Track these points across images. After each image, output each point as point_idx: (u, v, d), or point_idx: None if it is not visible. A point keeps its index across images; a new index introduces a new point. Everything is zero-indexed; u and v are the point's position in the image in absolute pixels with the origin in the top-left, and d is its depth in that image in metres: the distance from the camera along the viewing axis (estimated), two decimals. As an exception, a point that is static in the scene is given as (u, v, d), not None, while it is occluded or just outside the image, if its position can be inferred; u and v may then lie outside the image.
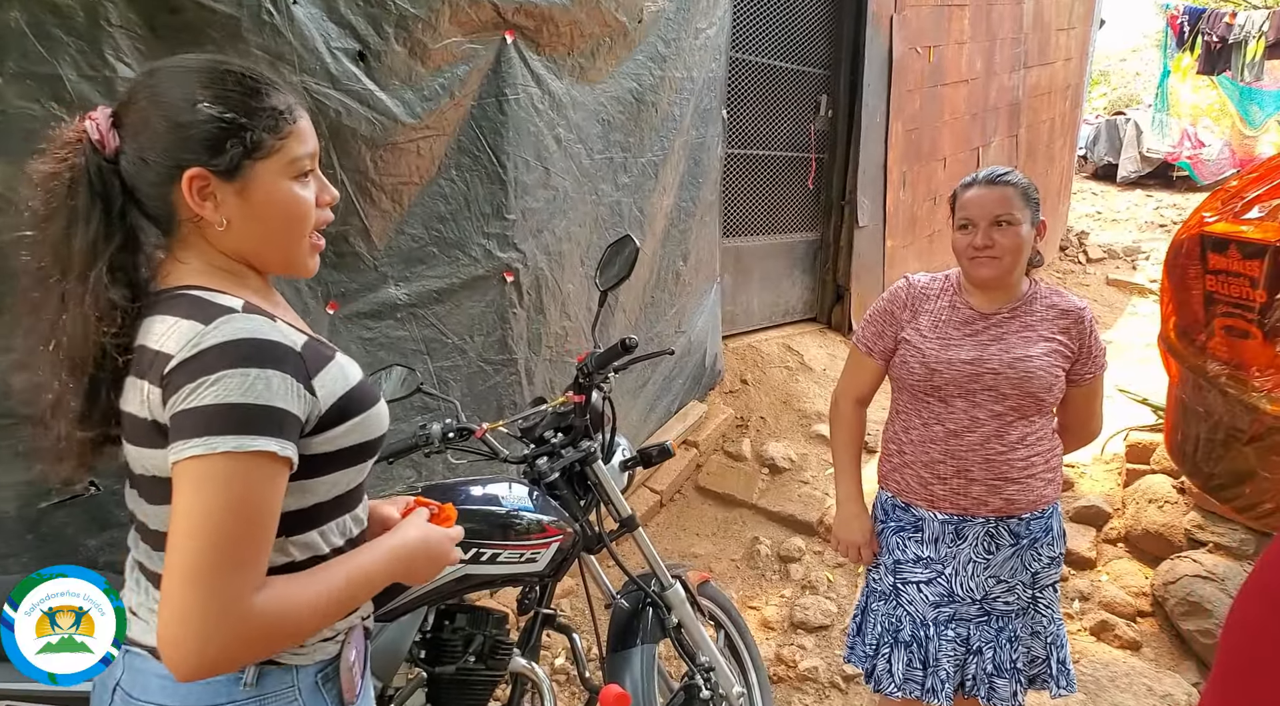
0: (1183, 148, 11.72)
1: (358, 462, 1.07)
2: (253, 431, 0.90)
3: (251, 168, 1.02)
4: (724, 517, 3.65)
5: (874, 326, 2.04)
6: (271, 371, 0.92)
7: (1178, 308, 1.08)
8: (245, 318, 0.96)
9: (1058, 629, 2.01)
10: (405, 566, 1.09)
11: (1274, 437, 1.03)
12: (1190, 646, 2.82)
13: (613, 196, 3.47)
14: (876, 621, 2.05)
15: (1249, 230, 0.95)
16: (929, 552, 1.98)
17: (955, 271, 2.03)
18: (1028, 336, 1.90)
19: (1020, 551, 1.94)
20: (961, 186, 1.96)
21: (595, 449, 2.03)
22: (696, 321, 4.09)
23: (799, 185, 5.14)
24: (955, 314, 1.95)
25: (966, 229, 1.90)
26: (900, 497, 2.02)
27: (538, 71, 3.03)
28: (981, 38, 6.36)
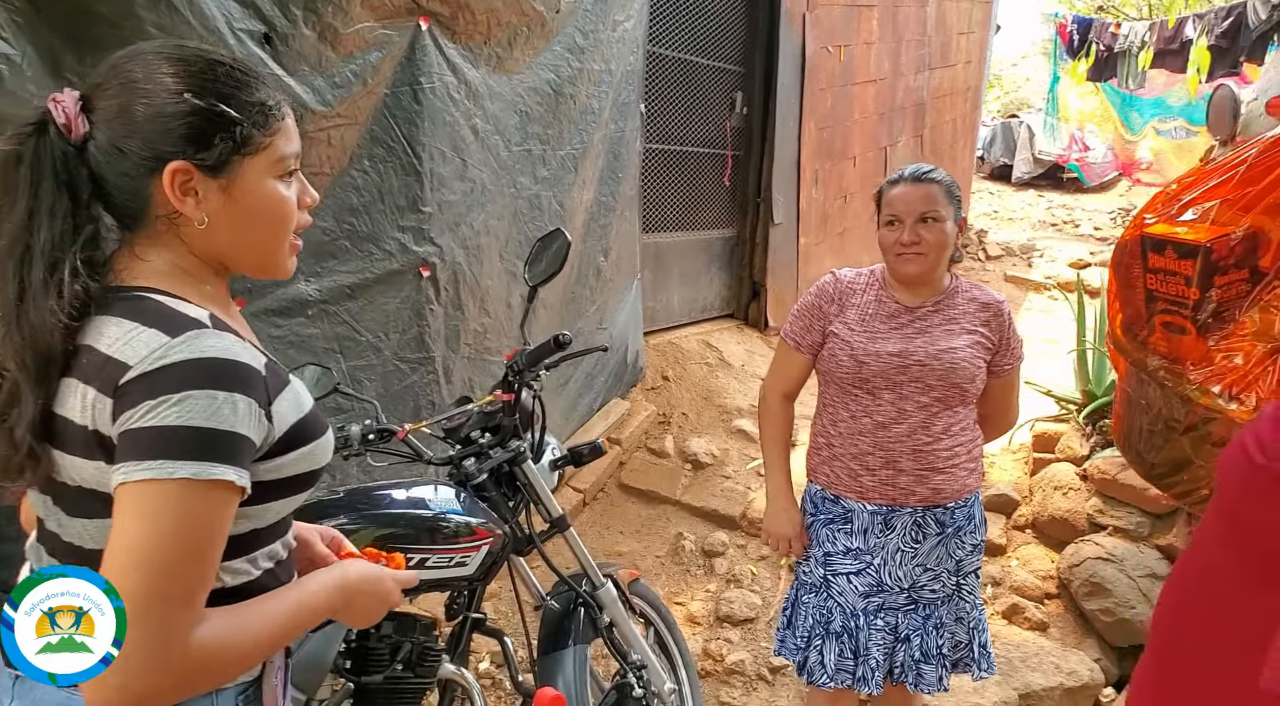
0: (1072, 151, 12.30)
1: (301, 491, 1.02)
2: (214, 458, 0.84)
3: (238, 164, 0.95)
4: (648, 514, 3.63)
5: (802, 321, 2.04)
6: (239, 395, 0.86)
7: (1123, 305, 1.12)
8: (215, 334, 0.89)
9: (979, 614, 2.06)
10: (345, 603, 1.05)
11: (1207, 428, 1.07)
12: (1092, 625, 2.94)
13: (532, 189, 3.41)
14: (807, 613, 2.05)
15: (1184, 231, 0.98)
16: (858, 543, 1.99)
17: (880, 267, 2.05)
18: (951, 329, 1.94)
19: (945, 539, 1.97)
20: (888, 184, 1.99)
21: (525, 448, 1.98)
22: (618, 318, 4.06)
23: (716, 182, 5.16)
24: (881, 308, 1.97)
25: (893, 225, 1.92)
26: (830, 490, 2.04)
27: (454, 60, 2.94)
28: (889, 39, 6.51)
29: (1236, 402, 0.98)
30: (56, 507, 0.92)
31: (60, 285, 0.87)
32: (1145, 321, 1.08)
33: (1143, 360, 1.09)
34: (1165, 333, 1.05)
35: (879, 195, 2.00)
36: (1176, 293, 1.01)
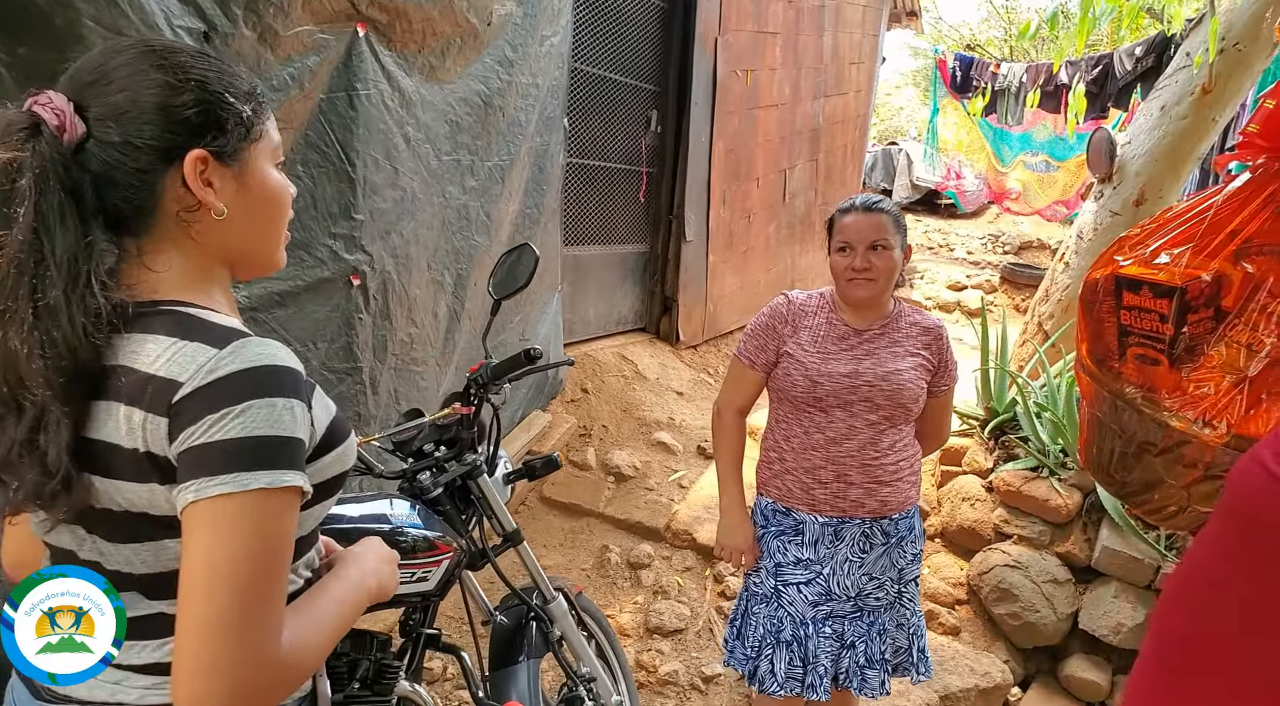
0: (949, 179, 12.99)
1: (333, 495, 1.01)
2: (283, 465, 0.83)
3: (247, 151, 0.93)
4: (572, 527, 3.64)
5: (756, 340, 2.11)
6: (295, 401, 0.85)
7: (1090, 338, 1.22)
8: (259, 342, 0.87)
9: (919, 620, 2.17)
10: (376, 578, 1.06)
11: (1180, 450, 1.18)
12: (1000, 628, 3.12)
13: (460, 199, 3.38)
14: (758, 623, 2.11)
15: (1160, 274, 1.09)
16: (808, 554, 2.07)
17: (829, 290, 2.14)
18: (896, 351, 2.04)
19: (889, 549, 2.07)
20: (839, 212, 2.08)
21: (481, 462, 1.97)
22: (540, 329, 4.06)
23: (632, 198, 5.23)
24: (832, 330, 2.06)
25: (845, 251, 2.02)
26: (781, 502, 2.11)
27: (389, 68, 2.91)
28: (790, 65, 6.74)
29: (1210, 428, 1.09)
30: (93, 535, 0.88)
31: (84, 299, 0.83)
32: (1118, 353, 1.18)
33: (1120, 389, 1.20)
34: (1139, 364, 1.15)
35: (830, 222, 2.09)
36: (1152, 328, 1.11)
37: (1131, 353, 1.16)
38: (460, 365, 3.58)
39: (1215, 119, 4.05)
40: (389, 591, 1.11)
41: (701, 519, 3.56)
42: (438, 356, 3.40)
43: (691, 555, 3.44)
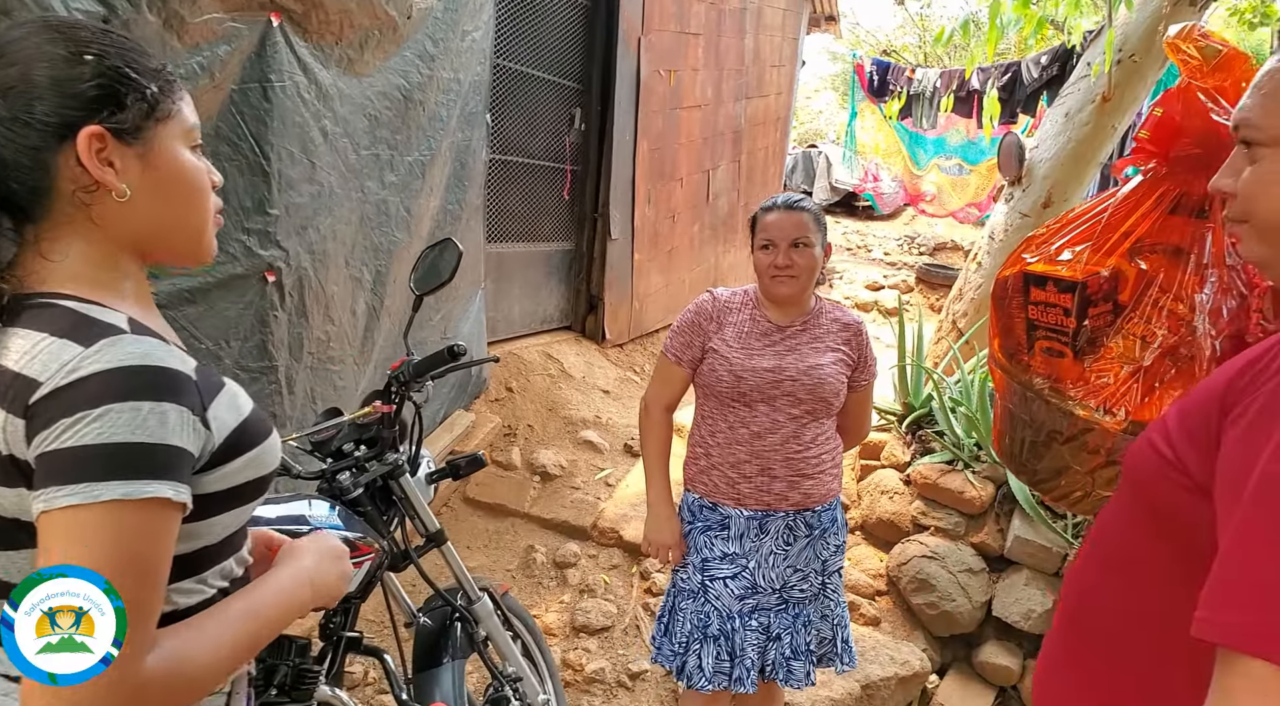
0: (867, 182, 13.31)
1: (249, 501, 0.95)
2: (145, 475, 0.77)
3: (152, 130, 0.88)
4: (496, 528, 3.60)
5: (682, 337, 2.13)
6: (168, 404, 0.79)
7: (1002, 333, 1.28)
8: (134, 339, 0.81)
9: (842, 611, 2.21)
10: (312, 586, 0.99)
11: (1084, 437, 1.24)
12: (919, 618, 3.21)
13: (379, 194, 3.32)
14: (685, 619, 2.12)
15: (1063, 270, 1.15)
16: (734, 548, 2.09)
17: (752, 287, 2.18)
18: (817, 347, 2.09)
19: (813, 541, 2.11)
20: (762, 210, 2.11)
21: (403, 461, 1.94)
22: (462, 328, 4.00)
23: (556, 195, 5.20)
24: (755, 326, 2.10)
25: (768, 249, 2.05)
26: (708, 498, 2.13)
27: (305, 59, 2.83)
28: (712, 67, 6.80)
29: (1110, 415, 1.15)
30: None
31: None
32: (1027, 347, 1.24)
33: (1029, 380, 1.25)
34: (1045, 357, 1.21)
35: (753, 221, 2.13)
36: (1056, 322, 1.17)
37: (1039, 346, 1.22)
38: (380, 363, 3.51)
39: (1115, 126, 4.26)
40: (334, 594, 1.05)
41: (628, 516, 3.56)
42: (356, 354, 3.33)
43: (618, 553, 3.44)
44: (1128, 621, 0.91)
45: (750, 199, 8.47)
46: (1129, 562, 0.92)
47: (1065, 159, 4.27)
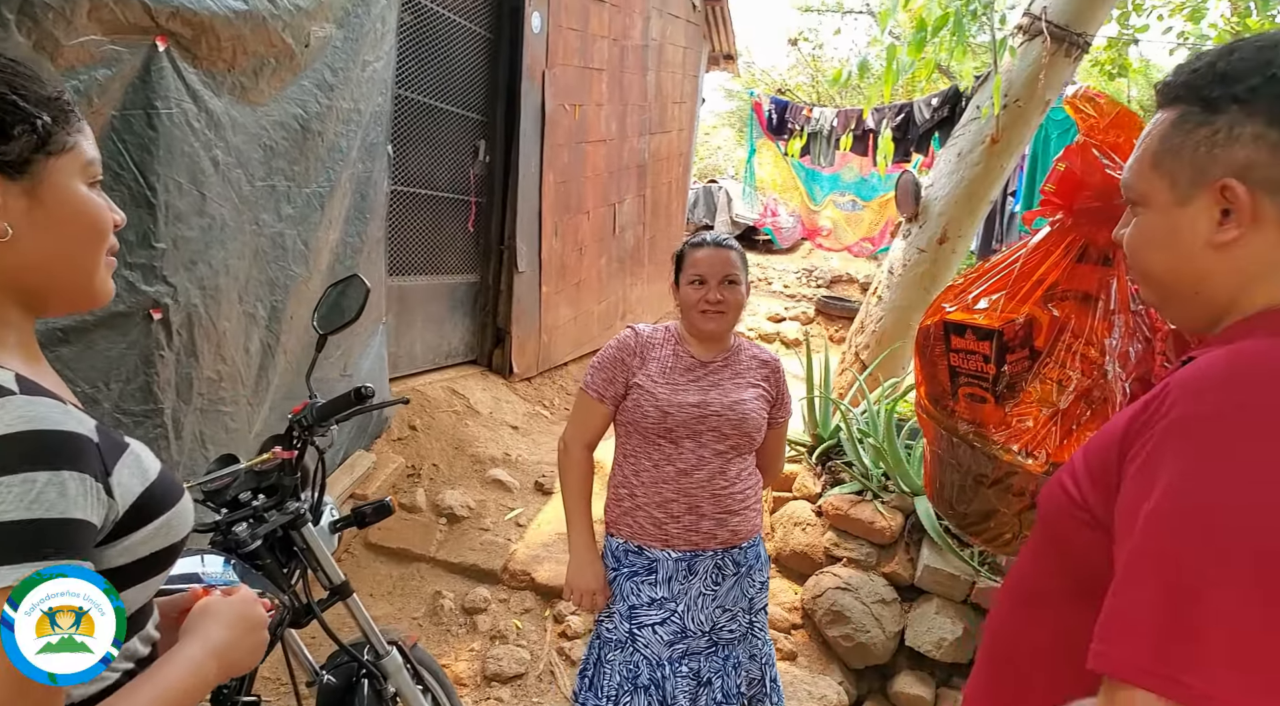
0: (766, 217, 13.60)
1: (156, 573, 0.86)
2: (43, 556, 0.69)
3: (43, 165, 0.79)
4: (400, 574, 3.44)
5: (604, 373, 2.09)
6: (67, 473, 0.71)
7: (927, 381, 1.30)
8: (26, 401, 0.73)
9: (769, 649, 2.18)
10: (220, 660, 0.89)
11: (1009, 480, 1.26)
12: (834, 651, 3.21)
13: (275, 227, 3.18)
14: (614, 671, 2.04)
15: (981, 318, 1.18)
16: (662, 593, 2.04)
17: (673, 323, 2.17)
18: (739, 383, 2.08)
19: (740, 579, 2.08)
20: (690, 246, 2.11)
21: (305, 510, 1.82)
22: (363, 364, 3.86)
23: (460, 227, 5.10)
24: (679, 361, 2.08)
25: (697, 284, 2.04)
26: (633, 541, 2.07)
27: (194, 86, 2.71)
28: (616, 102, 6.85)
29: (1032, 458, 1.17)
30: None
31: None
32: (951, 393, 1.26)
33: (954, 426, 1.27)
34: (969, 402, 1.23)
35: (680, 256, 2.13)
36: (977, 368, 1.19)
37: (962, 392, 1.24)
38: (275, 404, 3.34)
39: (1003, 166, 4.47)
40: (246, 668, 0.94)
41: (541, 558, 3.46)
42: (249, 395, 3.16)
43: (530, 596, 3.34)
44: (1035, 655, 0.93)
45: (655, 232, 8.53)
46: (1035, 597, 0.95)
47: (959, 197, 4.45)
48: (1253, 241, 0.85)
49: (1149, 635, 0.70)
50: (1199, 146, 0.87)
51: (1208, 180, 0.87)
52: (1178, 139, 0.90)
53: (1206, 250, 0.88)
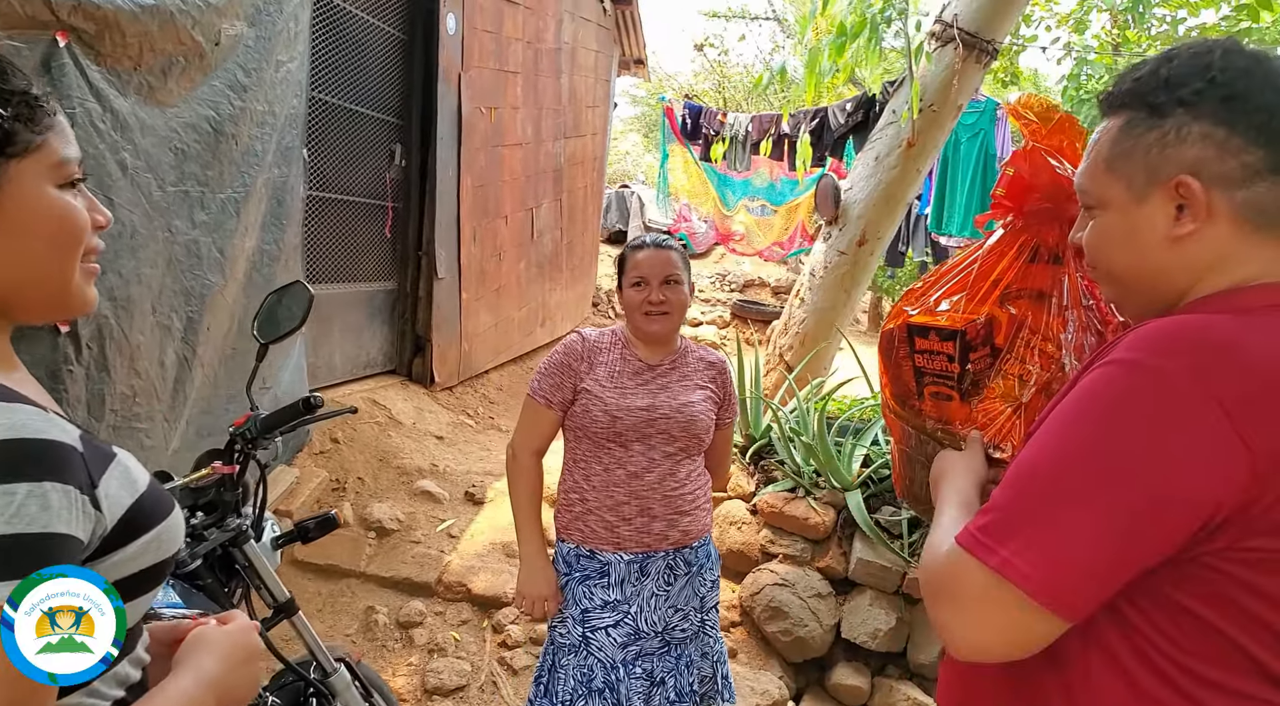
0: (681, 222, 13.70)
1: (149, 589, 0.81)
2: (21, 572, 0.65)
3: (6, 168, 0.73)
4: (330, 590, 3.33)
5: (552, 378, 2.06)
6: (49, 484, 0.67)
7: (892, 382, 1.33)
8: (5, 408, 0.68)
9: (721, 647, 2.18)
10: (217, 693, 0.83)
11: None
12: (773, 646, 3.24)
13: (190, 234, 3.04)
14: (568, 676, 2.03)
15: (943, 319, 1.22)
16: (615, 595, 2.03)
17: (620, 327, 2.15)
18: (687, 385, 2.09)
19: (691, 578, 2.08)
20: (630, 249, 2.11)
21: (247, 527, 1.74)
22: (283, 376, 3.72)
23: (377, 233, 4.98)
24: (626, 365, 2.07)
25: (639, 286, 2.04)
26: (584, 545, 2.05)
27: (98, 85, 2.57)
28: (531, 105, 6.80)
29: (999, 450, 1.21)
30: None
31: None
32: (917, 393, 1.30)
33: (922, 425, 1.31)
34: (935, 401, 1.27)
35: (622, 259, 2.11)
36: (942, 368, 1.23)
37: (928, 391, 1.28)
38: (192, 419, 3.18)
39: (919, 169, 4.61)
40: (242, 699, 0.88)
41: (476, 568, 3.40)
42: (165, 411, 3.01)
43: (467, 607, 3.27)
44: None
45: (573, 237, 8.50)
46: None
47: (877, 199, 4.57)
48: (1206, 235, 0.92)
49: (989, 516, 0.87)
50: (1150, 148, 0.94)
51: (1161, 178, 0.93)
52: (1129, 143, 0.96)
53: (1164, 245, 0.94)
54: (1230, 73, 0.90)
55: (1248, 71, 0.90)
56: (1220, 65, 0.91)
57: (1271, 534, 0.81)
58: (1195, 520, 0.81)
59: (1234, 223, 0.91)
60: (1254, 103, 0.89)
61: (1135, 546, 0.82)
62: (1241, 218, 0.90)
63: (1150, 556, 0.83)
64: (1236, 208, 0.90)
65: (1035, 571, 0.83)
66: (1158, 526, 0.81)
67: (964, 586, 0.87)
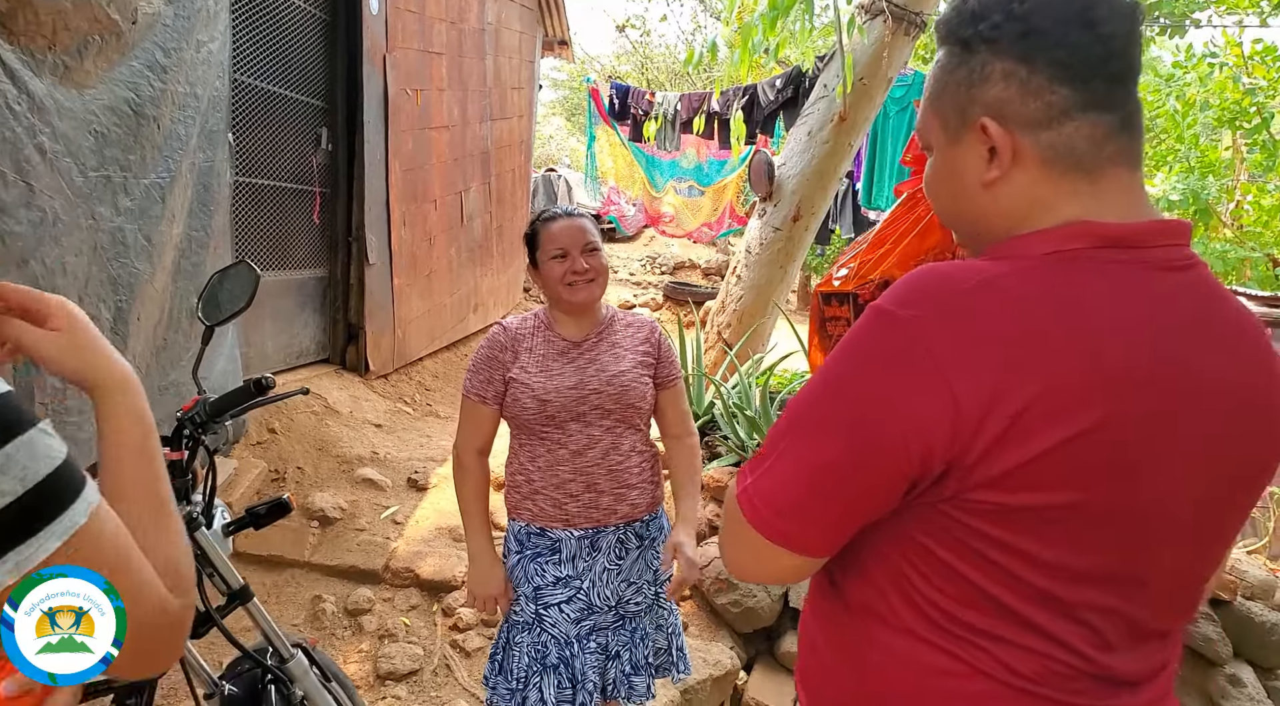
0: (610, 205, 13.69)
1: None
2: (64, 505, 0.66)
3: None
4: (275, 581, 3.27)
5: (481, 374, 2.03)
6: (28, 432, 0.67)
7: (821, 345, 1.39)
8: None
9: (675, 619, 2.21)
10: None
11: None
12: (723, 617, 3.30)
13: (114, 221, 2.93)
14: (522, 653, 2.03)
15: (839, 284, 1.28)
16: (567, 571, 2.03)
17: (541, 309, 2.12)
18: (618, 354, 2.06)
19: (643, 551, 2.10)
20: (542, 221, 2.05)
21: (197, 514, 1.71)
22: (216, 365, 3.62)
23: (305, 219, 4.87)
24: (551, 347, 2.04)
25: (561, 257, 1.99)
26: (534, 524, 2.05)
27: (11, 65, 2.46)
28: (457, 87, 6.71)
29: None
30: None
31: None
32: None
33: None
34: None
35: (533, 234, 2.06)
36: (844, 331, 1.30)
37: None
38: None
39: (851, 143, 4.70)
40: None
41: (423, 553, 3.38)
42: (93, 404, 2.91)
43: (416, 593, 3.25)
44: None
45: (503, 221, 8.43)
46: None
47: (811, 175, 4.64)
48: (1015, 178, 0.87)
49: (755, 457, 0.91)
50: (959, 86, 0.89)
51: (968, 120, 0.88)
52: (944, 79, 0.91)
53: (979, 189, 0.90)
54: (1031, 4, 0.84)
55: (1049, 3, 0.83)
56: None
57: (989, 487, 0.80)
58: (904, 464, 0.81)
59: (1043, 165, 0.86)
60: (1054, 38, 0.83)
61: (847, 485, 0.83)
62: (1050, 160, 0.85)
63: (868, 499, 0.84)
64: (1043, 150, 0.85)
65: (760, 503, 0.86)
66: (867, 467, 0.82)
67: (728, 509, 0.92)
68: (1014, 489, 0.79)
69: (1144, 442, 0.80)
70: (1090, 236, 0.84)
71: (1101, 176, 0.86)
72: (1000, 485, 0.79)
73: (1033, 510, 0.80)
